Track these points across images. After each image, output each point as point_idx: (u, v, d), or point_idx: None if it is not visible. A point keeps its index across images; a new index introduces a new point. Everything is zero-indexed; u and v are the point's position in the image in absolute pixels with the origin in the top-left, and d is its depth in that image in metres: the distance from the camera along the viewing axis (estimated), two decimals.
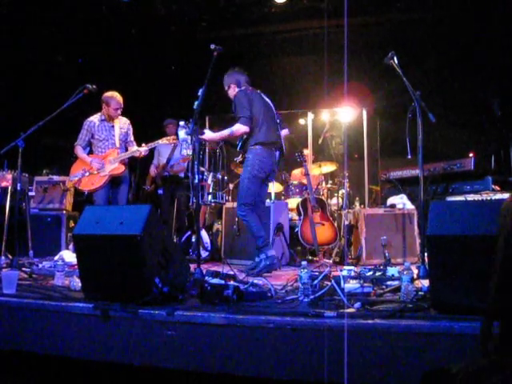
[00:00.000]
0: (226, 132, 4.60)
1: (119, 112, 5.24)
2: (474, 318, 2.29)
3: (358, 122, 7.68)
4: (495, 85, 7.21)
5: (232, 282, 3.28)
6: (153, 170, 7.01)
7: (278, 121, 4.83)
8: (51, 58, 7.74)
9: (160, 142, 5.38)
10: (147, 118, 7.35)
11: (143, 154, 5.21)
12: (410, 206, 5.38)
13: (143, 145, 5.22)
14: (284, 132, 4.95)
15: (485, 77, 7.07)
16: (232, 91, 4.75)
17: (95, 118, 5.28)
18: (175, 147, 6.51)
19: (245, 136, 4.61)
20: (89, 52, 7.73)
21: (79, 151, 5.27)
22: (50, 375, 3.00)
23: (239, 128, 4.48)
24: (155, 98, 8.23)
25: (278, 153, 4.72)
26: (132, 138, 5.41)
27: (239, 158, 4.95)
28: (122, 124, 5.34)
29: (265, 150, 4.54)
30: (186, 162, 6.67)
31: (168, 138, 5.33)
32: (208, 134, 4.63)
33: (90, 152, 5.36)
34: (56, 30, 7.30)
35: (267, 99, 4.81)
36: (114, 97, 5.18)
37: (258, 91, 4.77)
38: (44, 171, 6.72)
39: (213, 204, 6.08)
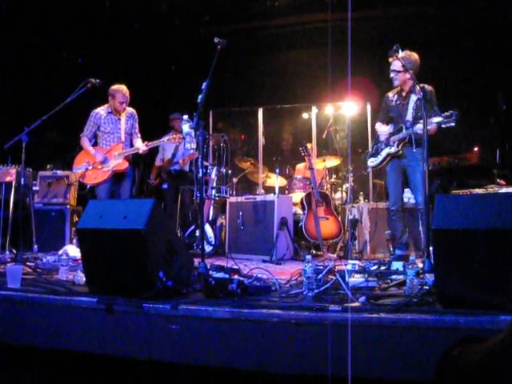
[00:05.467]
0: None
1: (124, 106, 5.23)
2: (479, 312, 2.28)
3: (362, 116, 7.64)
4: (500, 78, 7.16)
5: (236, 276, 3.28)
6: (158, 162, 7.05)
7: None
8: (55, 53, 7.73)
9: (165, 139, 5.38)
10: (152, 113, 7.34)
11: (141, 152, 5.21)
12: (414, 200, 5.35)
13: (146, 142, 5.21)
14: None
15: (489, 70, 7.03)
16: (403, 76, 4.46)
17: (102, 110, 5.27)
18: (179, 144, 6.50)
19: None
20: (93, 47, 7.72)
21: (85, 142, 5.26)
22: (53, 369, 3.01)
23: None
24: (160, 92, 8.22)
25: None
26: (137, 130, 5.40)
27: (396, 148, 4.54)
28: (128, 116, 5.32)
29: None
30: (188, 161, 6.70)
31: (173, 137, 5.32)
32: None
33: (95, 144, 5.34)
34: (60, 25, 7.28)
35: None
36: (120, 90, 5.16)
37: None
38: (48, 166, 6.72)
39: (217, 198, 6.09)
